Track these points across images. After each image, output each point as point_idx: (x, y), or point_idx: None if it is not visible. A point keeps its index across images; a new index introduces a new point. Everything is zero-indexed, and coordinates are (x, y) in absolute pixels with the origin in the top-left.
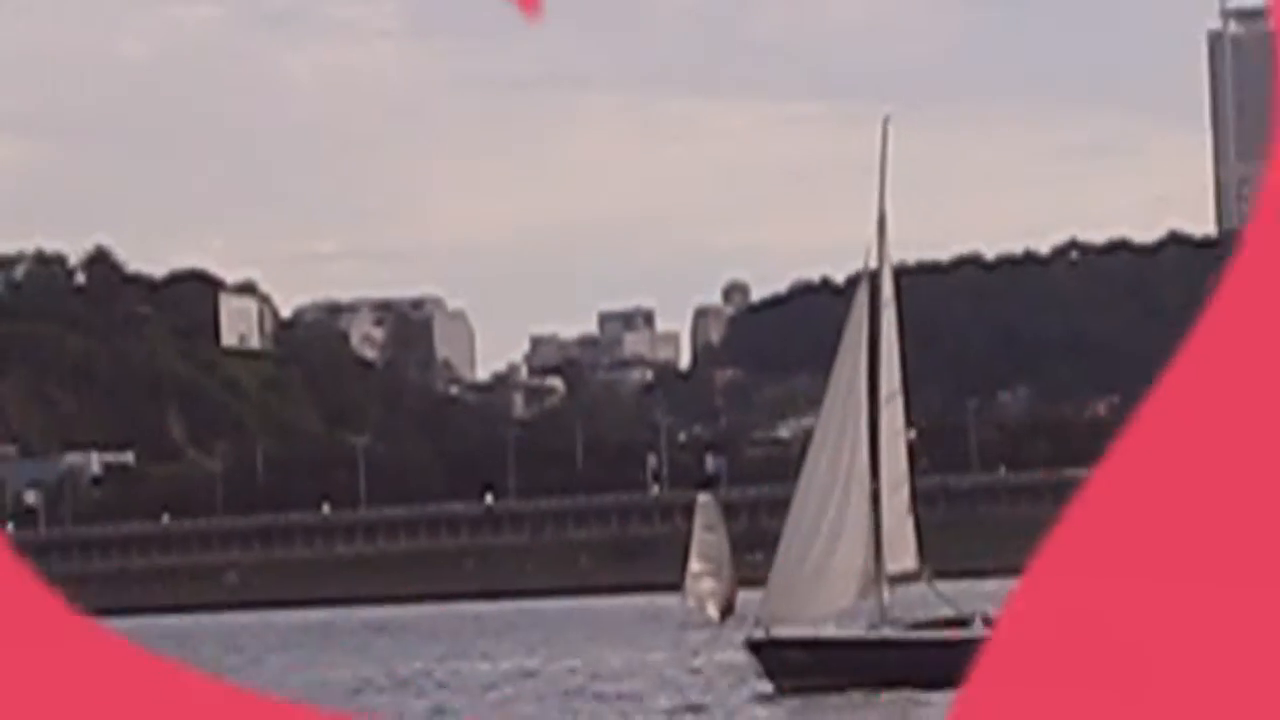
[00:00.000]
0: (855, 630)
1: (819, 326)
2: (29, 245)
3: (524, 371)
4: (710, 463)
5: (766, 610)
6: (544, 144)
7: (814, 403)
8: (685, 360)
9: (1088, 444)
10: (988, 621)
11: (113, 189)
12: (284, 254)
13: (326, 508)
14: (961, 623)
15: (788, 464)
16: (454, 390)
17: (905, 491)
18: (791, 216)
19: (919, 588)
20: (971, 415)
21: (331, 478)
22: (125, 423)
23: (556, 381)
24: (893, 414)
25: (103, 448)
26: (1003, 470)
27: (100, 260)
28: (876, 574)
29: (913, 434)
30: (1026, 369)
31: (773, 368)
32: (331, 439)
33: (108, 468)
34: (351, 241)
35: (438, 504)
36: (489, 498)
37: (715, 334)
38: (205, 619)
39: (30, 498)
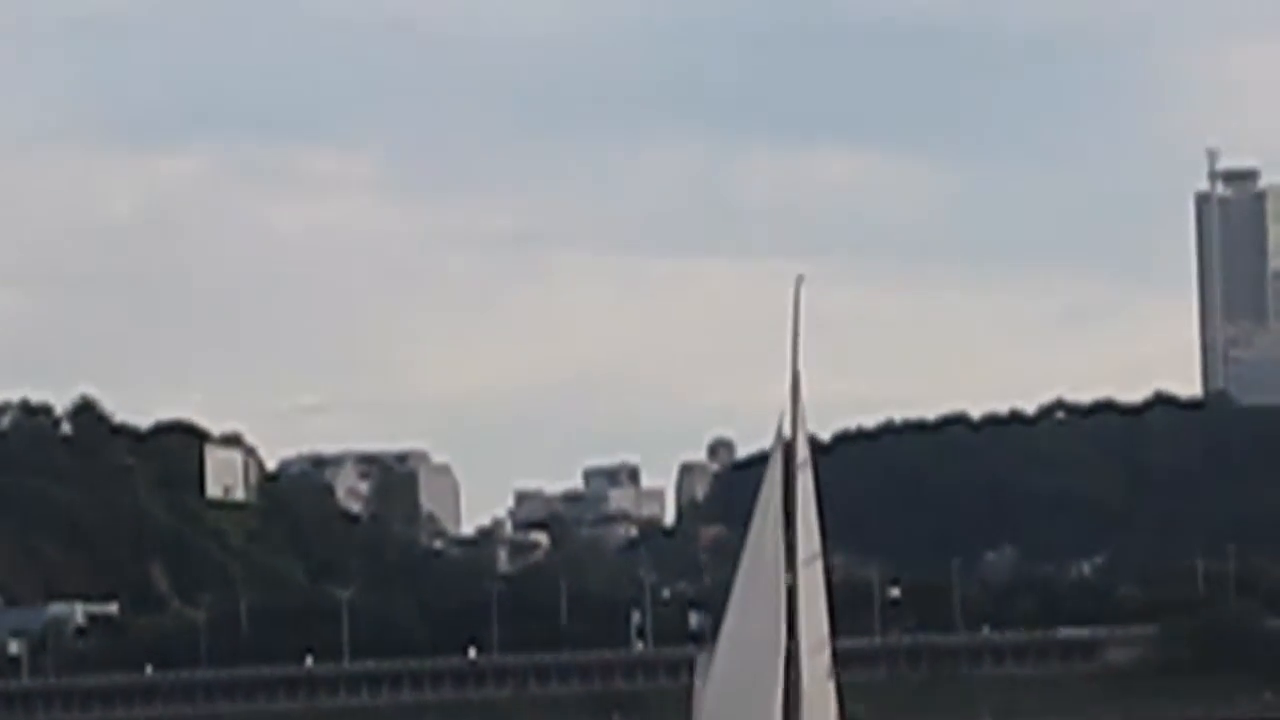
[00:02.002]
0: None
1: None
2: (15, 395)
3: (509, 526)
4: (694, 619)
5: None
6: (530, 299)
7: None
8: (670, 516)
9: (1072, 604)
10: None
11: (99, 340)
12: (269, 406)
13: (310, 660)
14: None
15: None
16: (438, 544)
17: (826, 655)
18: (776, 374)
19: None
20: (956, 573)
21: (315, 630)
22: (110, 573)
23: (541, 536)
24: (811, 576)
25: (87, 598)
26: (986, 629)
27: (86, 410)
28: None
29: (896, 592)
30: (1012, 528)
31: None
32: (316, 591)
33: (92, 618)
34: (337, 395)
35: (421, 658)
36: (473, 652)
37: (700, 490)
38: None
39: (14, 648)
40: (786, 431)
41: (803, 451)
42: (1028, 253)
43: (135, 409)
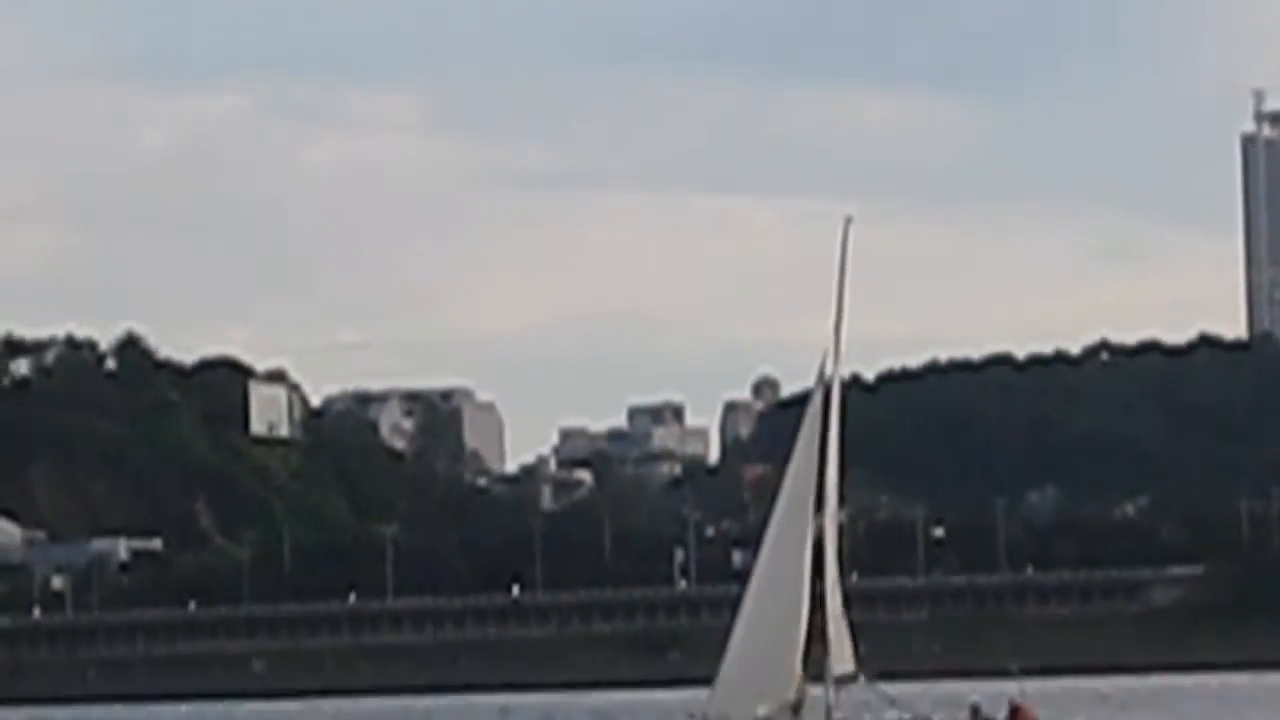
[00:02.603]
0: None
1: (848, 422)
2: (60, 330)
3: (552, 464)
4: (738, 557)
5: (710, 709)
6: (575, 237)
7: (842, 498)
8: (714, 455)
9: (1116, 545)
10: None
11: (144, 276)
12: (314, 343)
13: (353, 597)
14: None
15: (820, 559)
16: (482, 482)
17: (839, 594)
18: (821, 313)
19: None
20: (999, 514)
21: (359, 567)
22: (154, 509)
23: (585, 474)
24: (831, 515)
25: (131, 534)
26: (1029, 570)
27: (131, 346)
28: (821, 675)
29: (940, 532)
30: (1056, 468)
31: None
32: (359, 529)
33: (136, 554)
34: (381, 332)
35: (464, 595)
36: (516, 590)
37: (744, 429)
38: (231, 707)
39: (58, 583)
40: (828, 372)
41: (838, 393)
42: (1072, 193)
43: (179, 345)
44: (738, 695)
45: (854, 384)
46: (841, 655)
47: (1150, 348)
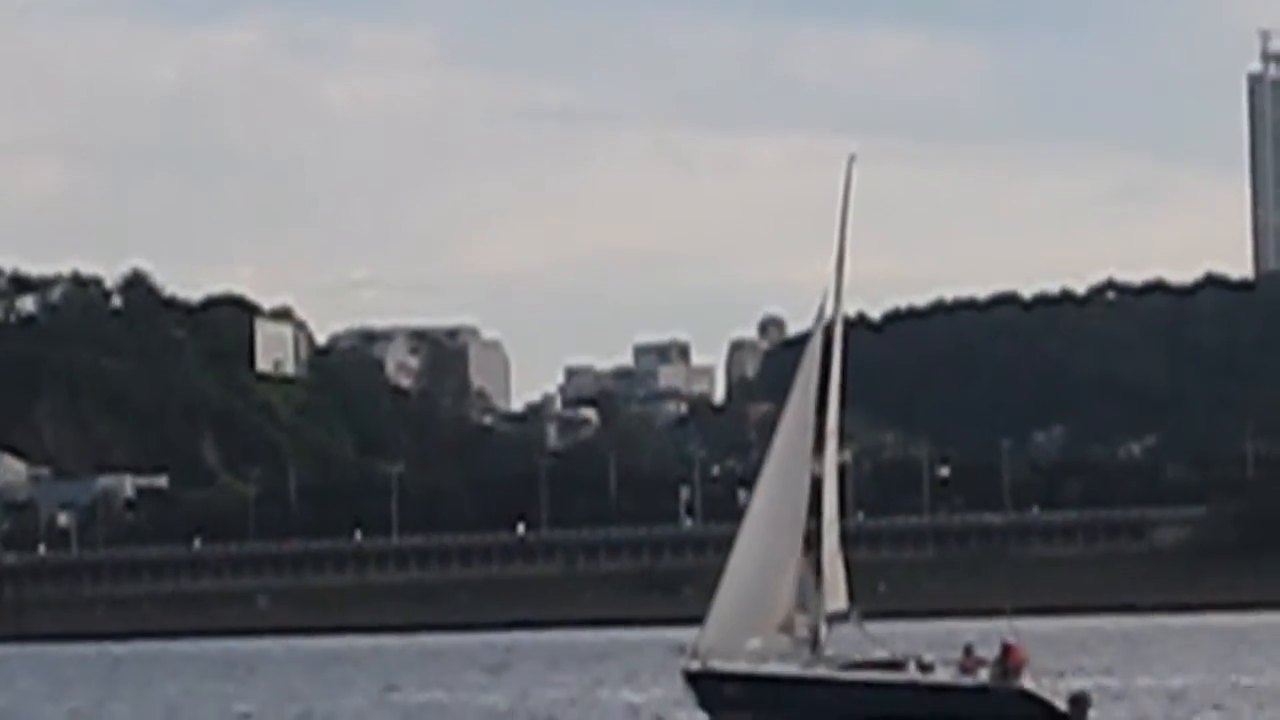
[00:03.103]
0: (790, 667)
1: (854, 361)
2: (66, 267)
3: (558, 402)
4: (743, 496)
5: (702, 642)
6: (583, 175)
7: (848, 437)
8: (720, 394)
9: (1121, 484)
10: (921, 665)
11: (150, 213)
12: (320, 281)
13: (359, 535)
14: (896, 665)
15: (819, 498)
16: (488, 420)
17: (836, 533)
18: (827, 252)
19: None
20: (1005, 454)
21: (364, 505)
22: (159, 446)
23: (590, 413)
24: (830, 456)
25: (136, 471)
26: (1035, 509)
27: (137, 283)
28: (815, 612)
29: (945, 471)
30: (1062, 408)
31: None
32: (365, 466)
33: (141, 491)
34: (388, 270)
35: (470, 533)
36: (521, 528)
37: (750, 368)
38: (235, 644)
39: (63, 520)
40: (828, 311)
41: (840, 333)
42: (1078, 132)
43: (185, 282)
44: (728, 630)
45: (860, 323)
46: (836, 593)
47: (1156, 288)
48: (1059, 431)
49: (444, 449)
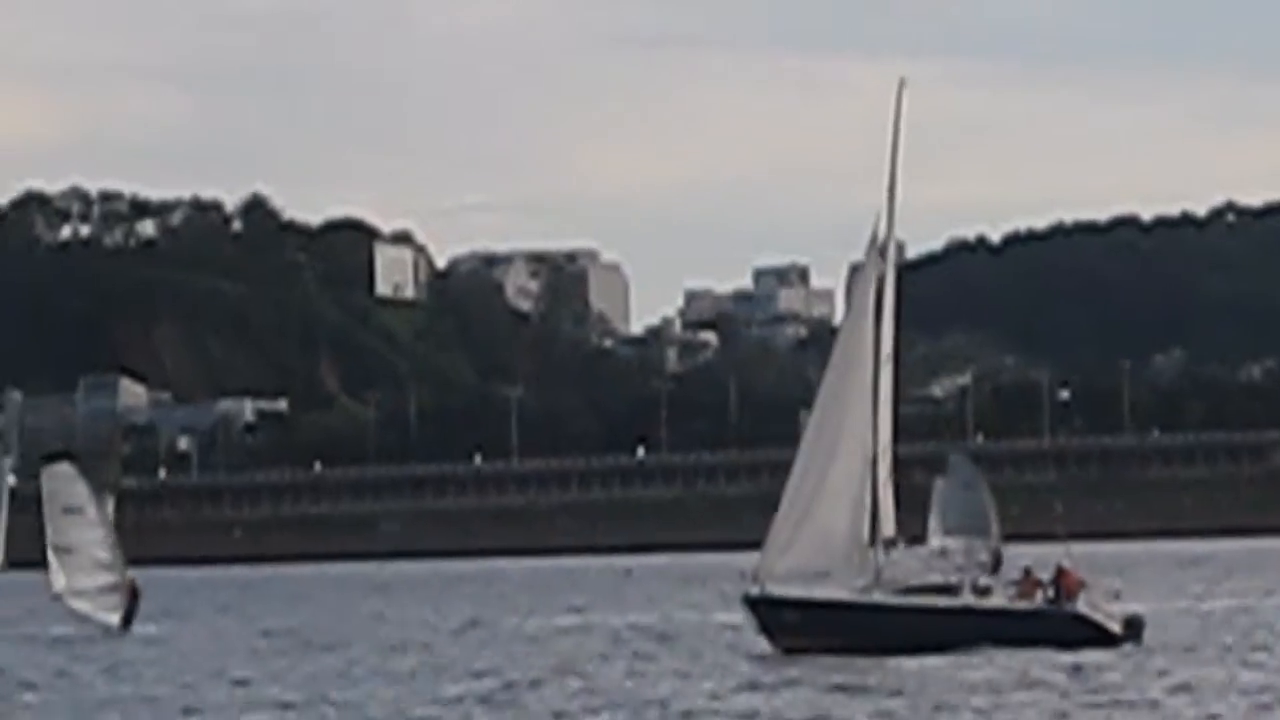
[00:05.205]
0: (848, 593)
1: (973, 285)
2: (186, 192)
3: (678, 325)
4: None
5: (763, 567)
6: (699, 98)
7: (967, 361)
8: (839, 317)
9: (1241, 407)
10: (977, 589)
11: (269, 138)
12: (439, 205)
13: (479, 459)
14: (951, 590)
15: (940, 422)
16: (608, 343)
17: (889, 459)
18: (946, 174)
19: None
20: (1125, 376)
21: (484, 428)
22: (279, 370)
23: (710, 336)
24: (884, 381)
25: (256, 395)
26: (1155, 432)
27: (257, 207)
28: (872, 537)
29: (1065, 394)
30: (1182, 330)
31: (926, 326)
32: (484, 390)
33: (261, 415)
34: (507, 194)
35: (589, 457)
36: (641, 451)
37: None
38: (355, 567)
39: (184, 444)
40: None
41: (890, 255)
42: (1198, 55)
43: (305, 206)
44: (786, 555)
45: (979, 246)
46: (886, 519)
47: (1277, 209)
48: (1179, 354)
49: (563, 372)
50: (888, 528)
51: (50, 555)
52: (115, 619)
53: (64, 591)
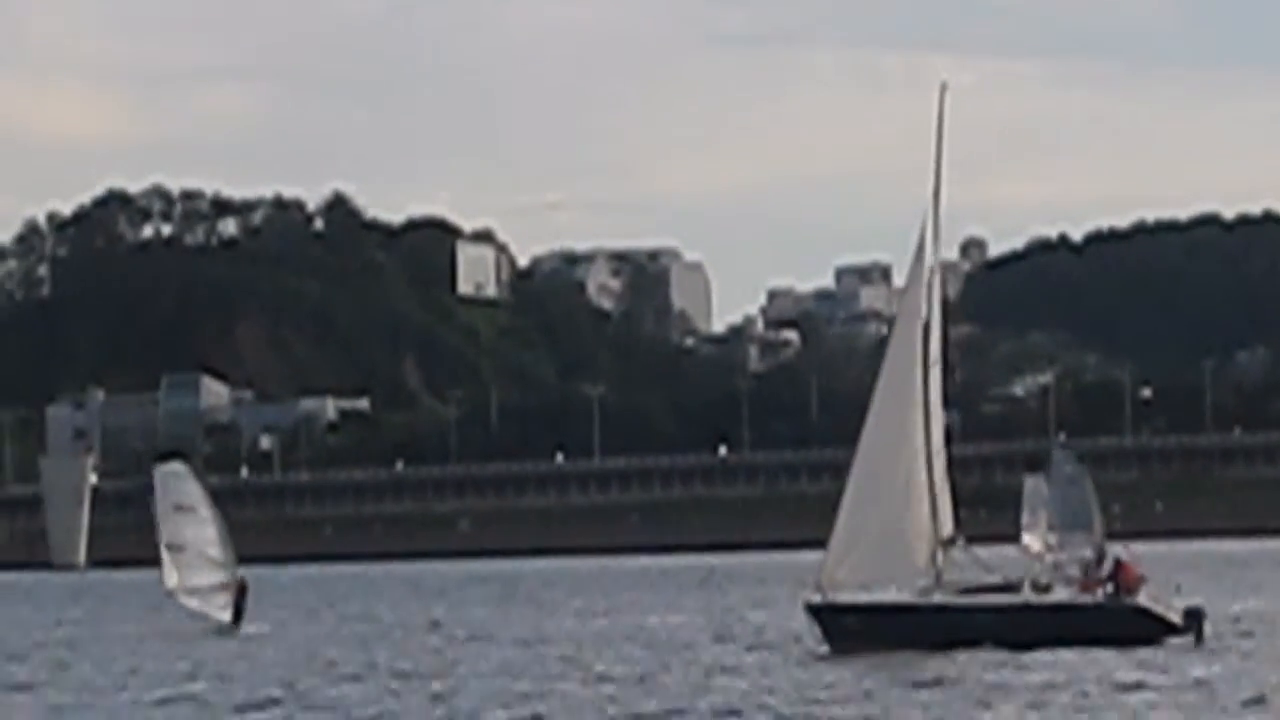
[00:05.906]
0: (909, 595)
1: (1055, 283)
2: (268, 191)
3: (760, 324)
4: (944, 418)
5: (826, 575)
6: (780, 97)
7: (1050, 359)
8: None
9: None
10: (1036, 587)
11: (351, 137)
12: (521, 203)
13: (560, 457)
14: (1011, 588)
15: (1022, 420)
16: (689, 342)
17: (943, 460)
18: (1030, 173)
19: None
20: (1208, 375)
21: (566, 427)
22: (361, 369)
23: (792, 334)
24: (933, 383)
25: (339, 394)
26: (1237, 431)
27: (338, 206)
28: (930, 540)
29: (1148, 393)
30: (1265, 329)
31: (1008, 324)
32: (566, 388)
33: (343, 414)
34: (589, 192)
35: (671, 455)
36: (723, 449)
37: (952, 290)
38: (437, 566)
39: (266, 443)
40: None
41: (930, 257)
42: (1275, 54)
43: (387, 205)
44: (846, 562)
45: (1061, 245)
46: (944, 520)
47: None
48: (1262, 352)
49: (645, 371)
50: (946, 528)
51: (163, 553)
52: (226, 615)
53: (176, 589)
